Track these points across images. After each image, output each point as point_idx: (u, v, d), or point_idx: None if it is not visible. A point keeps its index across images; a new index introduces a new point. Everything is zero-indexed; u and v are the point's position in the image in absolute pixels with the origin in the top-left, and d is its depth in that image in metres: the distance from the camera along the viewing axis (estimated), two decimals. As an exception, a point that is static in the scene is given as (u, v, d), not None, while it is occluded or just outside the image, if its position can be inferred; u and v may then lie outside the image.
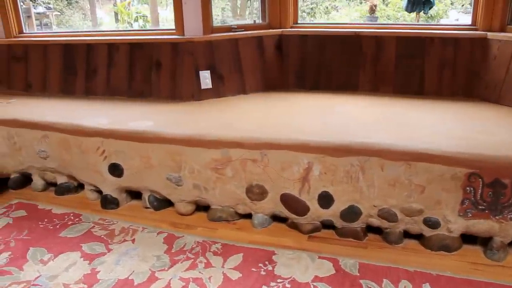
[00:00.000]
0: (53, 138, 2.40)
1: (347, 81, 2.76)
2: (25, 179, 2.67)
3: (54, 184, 2.61)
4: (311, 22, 4.55)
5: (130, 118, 2.40)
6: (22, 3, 3.16)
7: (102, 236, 2.11)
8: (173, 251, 1.98)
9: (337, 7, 7.22)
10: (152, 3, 5.79)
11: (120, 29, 6.15)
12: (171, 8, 6.60)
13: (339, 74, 2.78)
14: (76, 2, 7.43)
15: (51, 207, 2.41)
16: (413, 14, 4.42)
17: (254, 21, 2.98)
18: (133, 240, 2.07)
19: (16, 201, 2.51)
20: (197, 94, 2.67)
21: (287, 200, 2.05)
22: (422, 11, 3.88)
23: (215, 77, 2.69)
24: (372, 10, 4.50)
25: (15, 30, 3.14)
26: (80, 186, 2.56)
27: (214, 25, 2.76)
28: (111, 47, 2.84)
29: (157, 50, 2.73)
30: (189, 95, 2.67)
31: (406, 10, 3.93)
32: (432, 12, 4.44)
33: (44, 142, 2.42)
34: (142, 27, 6.79)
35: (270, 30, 2.83)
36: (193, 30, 2.71)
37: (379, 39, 2.69)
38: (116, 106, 2.70)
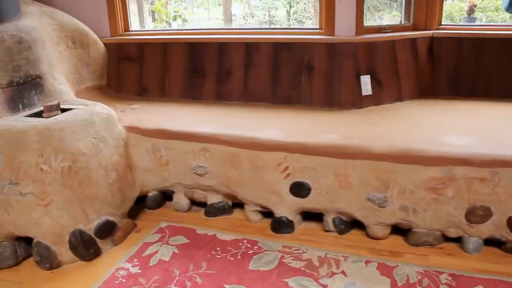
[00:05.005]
0: (215, 152, 2.07)
1: (509, 88, 2.56)
2: (163, 197, 2.33)
3: (198, 203, 2.29)
4: (464, 23, 4.30)
5: (309, 129, 2.10)
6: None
7: (302, 269, 1.82)
8: (399, 284, 1.71)
9: (378, 7, 7.05)
10: (225, 1, 5.43)
11: (258, 27, 5.53)
12: (244, 6, 6.17)
13: (499, 80, 2.57)
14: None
15: (213, 232, 2.09)
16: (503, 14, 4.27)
17: (400, 21, 2.73)
18: (343, 273, 1.79)
19: (165, 224, 2.17)
20: (358, 101, 2.39)
21: (515, 223, 1.83)
22: (526, 11, 3.71)
23: (374, 82, 2.43)
24: (472, 10, 4.30)
25: (121, 28, 2.76)
26: (234, 206, 2.25)
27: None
28: (250, 46, 2.51)
29: (309, 51, 2.43)
30: (349, 102, 2.39)
31: (507, 10, 3.73)
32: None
33: (203, 156, 2.10)
34: (180, 27, 6.39)
35: (421, 32, 2.59)
36: (346, 30, 2.43)
37: (545, 42, 2.50)
38: (271, 114, 2.37)
